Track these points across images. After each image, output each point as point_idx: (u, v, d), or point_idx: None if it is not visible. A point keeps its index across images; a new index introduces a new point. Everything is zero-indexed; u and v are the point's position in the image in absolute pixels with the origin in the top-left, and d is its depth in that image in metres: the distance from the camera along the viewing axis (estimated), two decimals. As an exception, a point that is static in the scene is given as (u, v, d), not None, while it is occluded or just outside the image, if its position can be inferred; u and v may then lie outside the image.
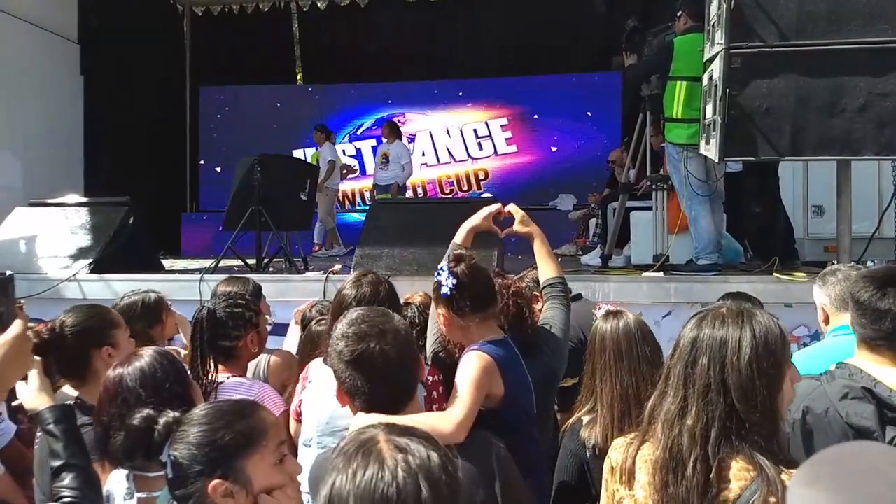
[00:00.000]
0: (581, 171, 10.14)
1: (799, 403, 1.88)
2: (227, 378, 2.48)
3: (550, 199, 10.16)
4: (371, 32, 11.00)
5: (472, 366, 1.79)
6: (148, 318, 3.01)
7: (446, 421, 1.62)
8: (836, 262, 6.14)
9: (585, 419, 2.14)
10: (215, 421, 1.46)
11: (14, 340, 1.67)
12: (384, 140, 9.16)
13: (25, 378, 1.81)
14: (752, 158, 4.16)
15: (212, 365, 2.46)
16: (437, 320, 2.23)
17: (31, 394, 1.81)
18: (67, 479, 1.70)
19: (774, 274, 4.88)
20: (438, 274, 2.03)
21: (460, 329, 1.95)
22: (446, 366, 2.31)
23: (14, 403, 2.05)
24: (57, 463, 1.72)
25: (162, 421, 1.61)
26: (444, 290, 1.91)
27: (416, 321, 2.86)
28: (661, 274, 5.04)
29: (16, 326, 1.69)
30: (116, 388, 1.82)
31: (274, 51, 11.46)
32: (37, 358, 1.84)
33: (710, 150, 4.32)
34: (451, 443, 1.56)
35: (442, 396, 2.30)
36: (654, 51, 5.26)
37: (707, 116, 4.40)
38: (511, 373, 1.85)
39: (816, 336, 4.92)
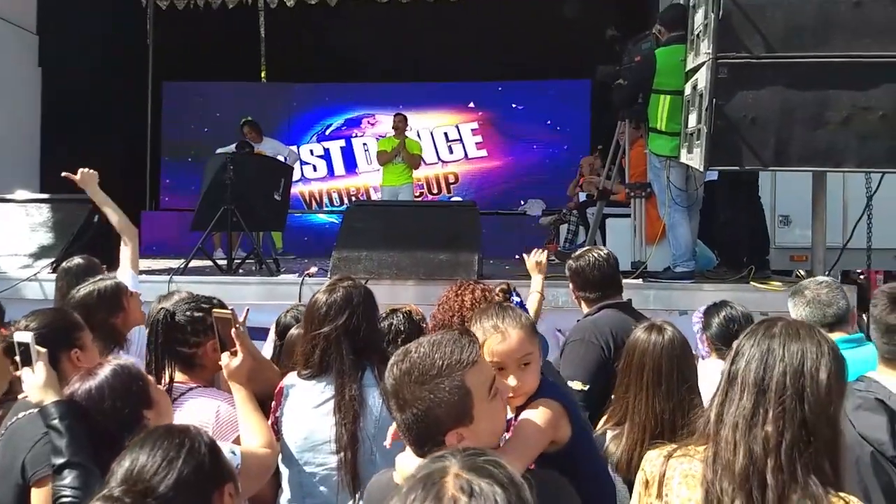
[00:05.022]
0: (550, 176, 10.18)
1: None
2: (189, 389, 2.35)
3: (519, 205, 10.19)
4: (340, 32, 10.86)
5: (541, 413, 1.69)
6: (107, 306, 2.84)
7: None
8: (802, 272, 6.28)
9: (611, 433, 2.10)
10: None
11: None
12: (253, 144, 8.24)
13: (31, 366, 1.73)
14: (736, 168, 4.20)
15: (170, 373, 2.35)
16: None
17: (37, 387, 1.74)
18: (69, 477, 1.65)
19: (751, 283, 4.95)
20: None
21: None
22: None
23: (20, 396, 1.94)
24: (59, 460, 1.67)
25: None
26: None
27: (402, 329, 2.79)
28: (639, 281, 5.05)
29: None
30: None
31: (239, 47, 11.23)
32: (42, 350, 1.77)
33: (693, 159, 4.34)
34: None
35: None
36: (636, 67, 5.26)
37: (690, 125, 4.42)
38: (576, 413, 1.78)
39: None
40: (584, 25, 9.53)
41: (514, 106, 10.80)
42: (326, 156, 11.11)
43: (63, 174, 3.76)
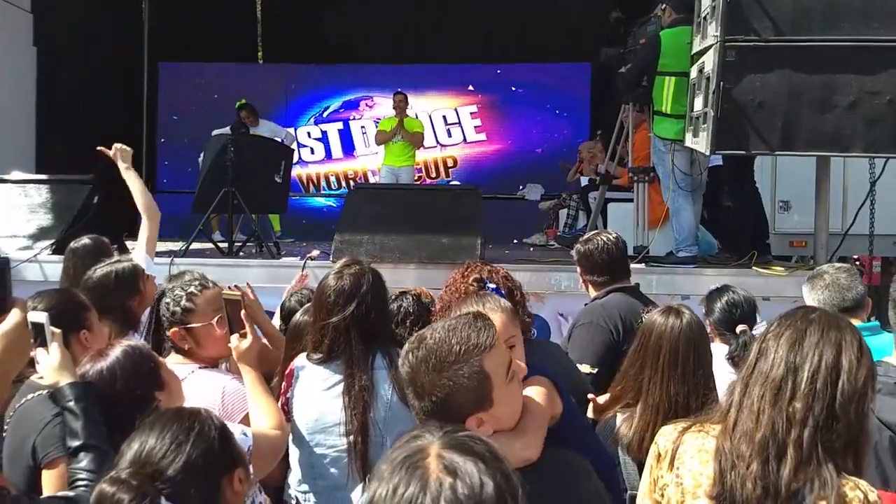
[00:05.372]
0: (550, 161, 10.13)
1: None
2: (192, 372, 2.35)
3: (518, 189, 10.15)
4: (338, 13, 10.76)
5: (538, 390, 1.68)
6: (124, 289, 2.79)
7: (522, 444, 1.51)
8: (795, 257, 6.28)
9: (621, 415, 2.09)
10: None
11: (13, 330, 1.57)
12: (250, 128, 8.13)
13: (46, 347, 1.72)
14: (743, 152, 4.18)
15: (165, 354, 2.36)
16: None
17: (52, 368, 1.72)
18: (85, 460, 1.63)
19: (753, 267, 4.95)
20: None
21: None
22: None
23: (34, 377, 1.92)
24: (75, 443, 1.65)
25: None
26: None
27: (412, 311, 2.78)
28: (642, 265, 5.05)
29: (14, 315, 1.60)
30: None
31: (236, 28, 11.11)
32: (56, 331, 1.75)
33: (698, 143, 4.33)
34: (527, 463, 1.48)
35: None
36: (641, 51, 5.22)
37: (696, 109, 4.40)
38: (563, 387, 1.78)
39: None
40: (585, 8, 9.49)
41: (513, 89, 10.72)
42: (324, 138, 11.03)
43: (98, 148, 3.74)
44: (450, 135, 10.89)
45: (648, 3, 5.79)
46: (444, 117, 10.89)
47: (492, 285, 2.47)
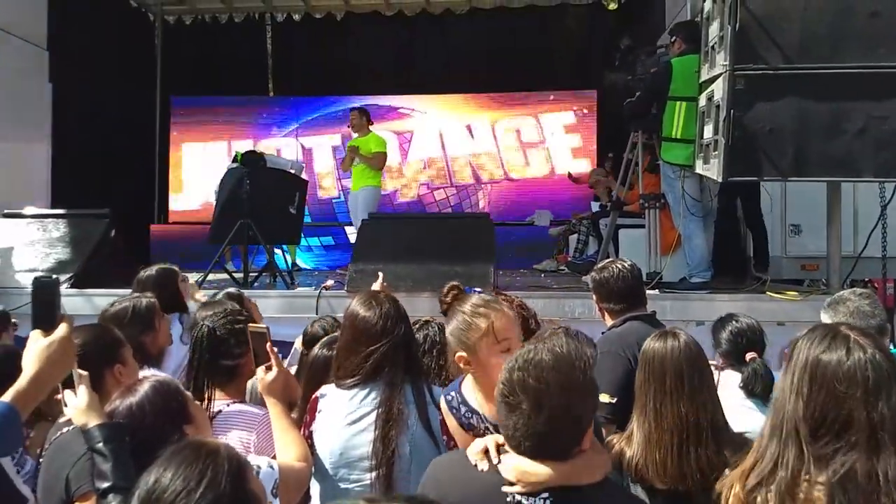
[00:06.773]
0: (559, 187, 10.20)
1: None
2: (227, 405, 2.39)
3: (527, 216, 10.20)
4: (347, 46, 10.93)
5: None
6: (139, 323, 2.84)
7: (605, 456, 1.61)
8: (807, 281, 6.26)
9: (629, 448, 2.11)
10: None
11: (61, 342, 1.63)
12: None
13: (73, 388, 1.75)
14: (755, 179, 4.22)
15: (209, 392, 2.39)
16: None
17: (80, 410, 1.75)
18: (115, 502, 1.63)
19: (767, 293, 4.96)
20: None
21: None
22: None
23: (62, 419, 1.95)
24: (104, 484, 1.65)
25: None
26: None
27: (437, 339, 2.77)
28: (656, 292, 5.06)
29: (62, 329, 1.65)
30: None
31: (247, 62, 11.30)
32: (83, 373, 1.79)
33: (710, 169, 4.36)
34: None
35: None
36: (651, 79, 5.28)
37: (706, 137, 4.44)
38: None
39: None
40: (591, 35, 9.63)
41: (521, 117, 10.81)
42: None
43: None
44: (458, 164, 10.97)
45: (656, 32, 5.88)
46: (452, 145, 10.98)
47: (477, 289, 2.51)
